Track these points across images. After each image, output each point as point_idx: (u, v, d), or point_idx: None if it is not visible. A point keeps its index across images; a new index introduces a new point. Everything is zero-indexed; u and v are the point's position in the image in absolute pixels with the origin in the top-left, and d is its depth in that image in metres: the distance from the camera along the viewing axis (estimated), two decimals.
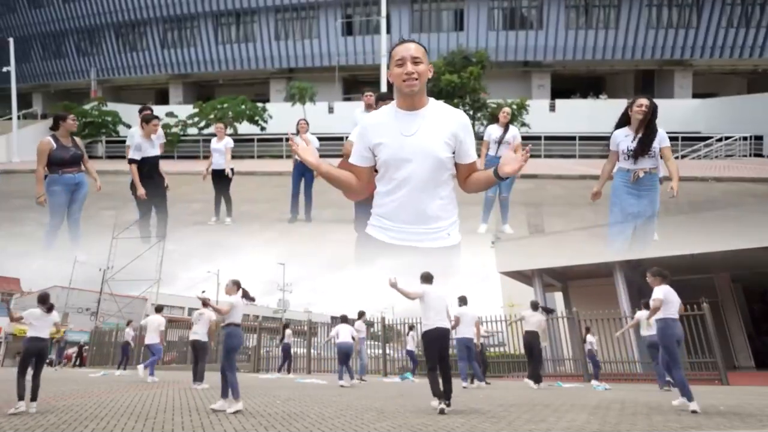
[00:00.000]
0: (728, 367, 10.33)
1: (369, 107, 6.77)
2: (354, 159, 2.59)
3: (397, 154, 2.46)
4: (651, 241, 5.20)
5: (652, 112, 4.87)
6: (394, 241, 2.54)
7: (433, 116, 2.49)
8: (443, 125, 2.47)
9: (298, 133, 8.36)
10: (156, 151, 6.73)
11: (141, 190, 6.51)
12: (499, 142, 7.08)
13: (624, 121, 5.03)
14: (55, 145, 5.69)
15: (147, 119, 6.72)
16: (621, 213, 5.02)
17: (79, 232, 5.93)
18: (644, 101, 4.88)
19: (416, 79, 2.42)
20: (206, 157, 8.59)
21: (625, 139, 4.96)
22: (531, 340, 8.41)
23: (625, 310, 11.44)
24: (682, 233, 8.60)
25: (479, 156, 7.23)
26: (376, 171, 2.58)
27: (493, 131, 7.16)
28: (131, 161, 6.66)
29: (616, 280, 11.88)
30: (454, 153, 2.50)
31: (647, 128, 4.90)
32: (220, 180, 8.14)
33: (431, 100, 2.54)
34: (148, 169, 6.61)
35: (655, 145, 4.91)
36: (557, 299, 15.56)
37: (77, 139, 6.03)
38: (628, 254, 10.94)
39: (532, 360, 8.50)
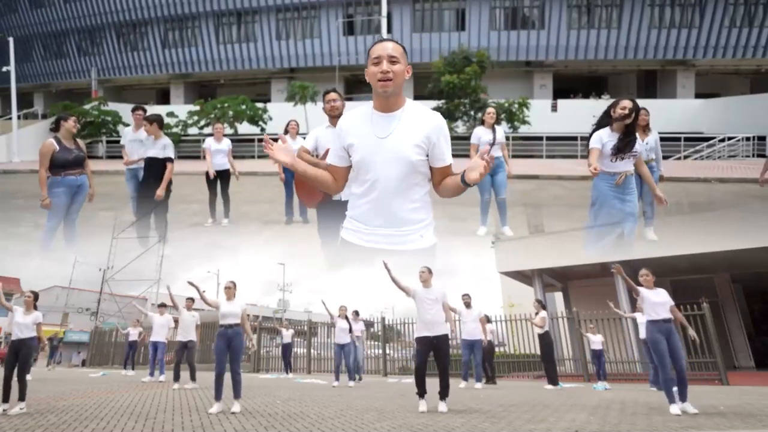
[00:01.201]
0: (728, 367, 10.32)
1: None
2: (331, 158, 2.57)
3: (369, 156, 2.43)
4: (634, 242, 5.23)
5: (635, 114, 4.81)
6: (367, 243, 2.52)
7: (408, 118, 2.44)
8: (417, 128, 2.42)
9: (287, 133, 8.16)
10: (148, 152, 6.50)
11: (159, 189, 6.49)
12: (491, 143, 6.88)
13: (605, 122, 4.95)
14: (57, 147, 5.59)
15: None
16: (607, 217, 4.98)
17: (75, 233, 5.85)
18: (628, 103, 4.81)
19: (391, 80, 2.36)
20: (197, 157, 8.40)
21: (609, 141, 4.88)
22: (550, 341, 8.54)
23: (625, 310, 11.43)
24: (682, 233, 8.59)
25: (469, 158, 7.22)
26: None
27: (482, 134, 7.00)
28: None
29: (616, 280, 11.86)
30: (427, 156, 2.45)
31: (631, 129, 4.84)
32: (219, 180, 7.99)
33: (408, 101, 2.49)
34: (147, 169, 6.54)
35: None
36: (557, 299, 15.56)
37: (79, 141, 5.95)
38: (629, 254, 10.92)
39: (552, 361, 8.61)
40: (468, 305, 8.30)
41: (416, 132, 2.41)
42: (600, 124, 4.98)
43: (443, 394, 5.14)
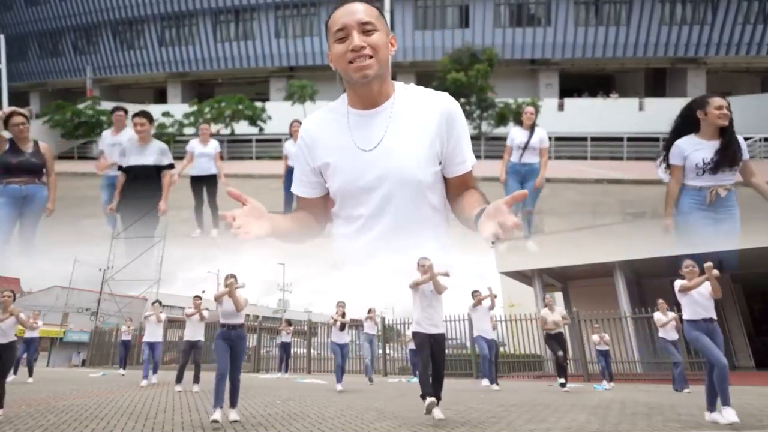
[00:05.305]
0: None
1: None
2: (297, 188, 1.77)
3: (355, 180, 1.64)
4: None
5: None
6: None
7: (405, 112, 1.63)
8: (421, 123, 1.62)
9: (291, 135, 7.66)
10: (145, 159, 5.67)
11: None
12: (524, 147, 6.23)
13: (689, 127, 3.85)
14: (7, 146, 4.81)
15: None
16: (694, 240, 4.11)
17: (32, 249, 5.00)
18: (724, 102, 3.74)
19: (371, 56, 1.56)
20: (181, 158, 7.56)
21: (697, 150, 3.79)
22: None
23: (625, 310, 11.46)
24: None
25: (500, 162, 6.49)
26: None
27: (517, 135, 6.30)
28: (120, 168, 5.73)
29: (616, 280, 11.91)
30: (440, 163, 1.67)
31: (728, 134, 3.76)
32: (205, 187, 7.25)
33: (398, 85, 1.69)
34: (132, 179, 5.71)
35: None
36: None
37: (43, 145, 5.04)
38: (628, 254, 10.92)
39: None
40: (479, 302, 7.82)
41: (421, 130, 1.62)
42: (680, 131, 3.90)
43: (436, 399, 4.58)
